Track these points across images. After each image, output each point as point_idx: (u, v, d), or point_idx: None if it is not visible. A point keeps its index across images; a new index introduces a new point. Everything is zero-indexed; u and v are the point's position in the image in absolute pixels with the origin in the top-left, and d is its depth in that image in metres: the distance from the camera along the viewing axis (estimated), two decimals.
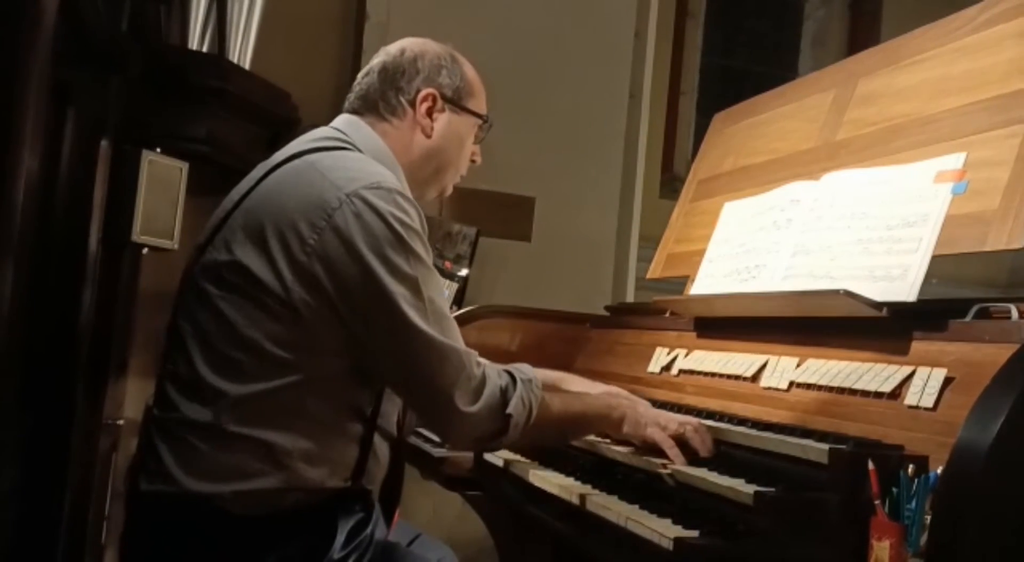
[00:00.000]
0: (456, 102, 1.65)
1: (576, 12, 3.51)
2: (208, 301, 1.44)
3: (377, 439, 1.55)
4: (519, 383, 1.51)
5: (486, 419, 1.47)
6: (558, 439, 1.77)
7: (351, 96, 1.66)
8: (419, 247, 1.45)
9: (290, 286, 1.38)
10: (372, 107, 1.62)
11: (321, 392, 1.43)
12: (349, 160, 1.50)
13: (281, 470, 1.41)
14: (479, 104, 1.70)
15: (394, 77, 1.62)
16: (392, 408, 1.59)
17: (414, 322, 1.41)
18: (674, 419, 1.65)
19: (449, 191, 1.75)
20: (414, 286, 1.42)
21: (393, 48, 1.66)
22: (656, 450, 1.65)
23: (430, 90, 1.62)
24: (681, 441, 1.61)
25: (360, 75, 1.67)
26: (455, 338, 1.47)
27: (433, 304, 1.44)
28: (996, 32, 1.70)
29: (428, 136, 1.63)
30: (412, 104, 1.62)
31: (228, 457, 1.40)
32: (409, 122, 1.62)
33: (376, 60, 1.66)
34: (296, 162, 1.49)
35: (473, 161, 1.75)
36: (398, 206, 1.43)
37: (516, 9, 3.43)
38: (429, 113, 1.62)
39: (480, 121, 1.70)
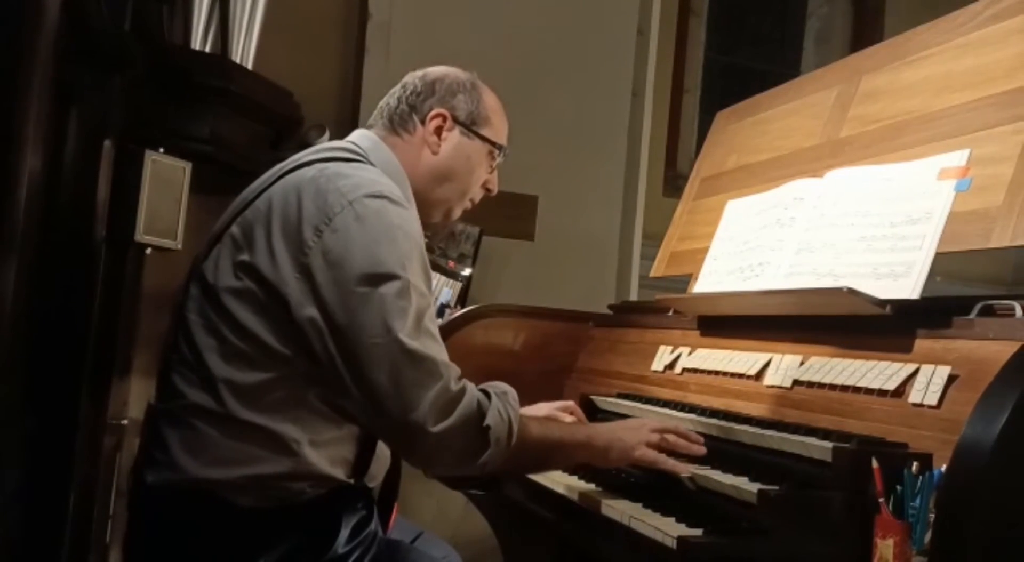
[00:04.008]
0: (468, 126, 1.68)
1: (578, 10, 3.50)
2: (214, 295, 1.47)
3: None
4: (494, 396, 1.47)
5: (461, 435, 1.41)
6: (540, 464, 1.69)
7: (374, 114, 1.71)
8: (415, 256, 1.46)
9: (289, 283, 1.41)
10: (386, 121, 1.68)
11: (321, 387, 1.45)
12: (358, 170, 1.54)
13: (289, 456, 1.43)
14: (495, 133, 1.72)
15: (411, 96, 1.67)
16: None
17: (393, 325, 1.38)
18: (655, 431, 1.64)
19: (456, 215, 1.75)
20: (402, 290, 1.40)
21: (418, 72, 1.72)
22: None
23: (441, 110, 1.67)
24: (670, 451, 1.62)
25: (386, 96, 1.72)
26: (434, 350, 1.43)
27: (419, 315, 1.42)
28: (1001, 28, 1.70)
29: (435, 153, 1.66)
30: (423, 121, 1.66)
31: (236, 443, 1.42)
32: (418, 138, 1.66)
33: (400, 83, 1.72)
34: (307, 169, 1.53)
35: (488, 190, 1.76)
36: (398, 215, 1.47)
37: (518, 7, 3.42)
38: (438, 132, 1.66)
39: (493, 149, 1.72)
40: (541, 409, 1.88)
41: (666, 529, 1.40)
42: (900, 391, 1.44)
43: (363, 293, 1.39)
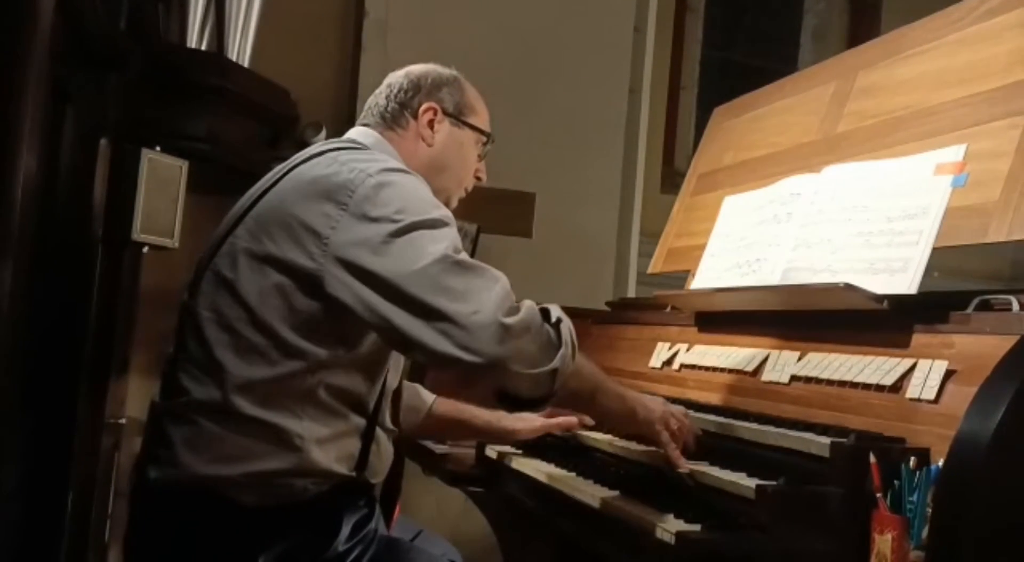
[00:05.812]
0: (457, 116, 1.73)
1: (575, 6, 3.50)
2: (229, 287, 1.48)
3: (380, 433, 1.58)
4: (552, 309, 1.47)
5: (533, 329, 1.39)
6: (586, 401, 1.62)
7: (362, 114, 1.75)
8: (441, 209, 1.49)
9: (317, 260, 1.42)
10: (380, 120, 1.71)
11: (329, 380, 1.47)
12: (371, 155, 1.58)
13: (292, 452, 1.44)
14: (481, 121, 1.77)
15: (399, 94, 1.71)
16: (388, 405, 1.61)
17: (434, 250, 1.39)
18: (673, 416, 1.63)
19: (454, 204, 1.78)
20: (435, 223, 1.43)
21: (400, 72, 1.76)
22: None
23: (431, 104, 1.71)
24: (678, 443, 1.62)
25: (371, 97, 1.76)
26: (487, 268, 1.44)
27: (455, 244, 1.44)
28: (996, 23, 1.70)
29: (430, 145, 1.70)
30: (415, 116, 1.70)
31: (240, 439, 1.43)
32: (412, 133, 1.70)
33: (384, 83, 1.76)
34: (319, 158, 1.55)
35: (478, 179, 1.81)
36: (418, 186, 1.52)
37: (515, 4, 3.42)
38: (430, 124, 1.71)
39: (482, 137, 1.76)
40: (535, 421, 1.90)
41: (664, 524, 1.40)
42: (898, 386, 1.45)
43: (399, 241, 1.40)
